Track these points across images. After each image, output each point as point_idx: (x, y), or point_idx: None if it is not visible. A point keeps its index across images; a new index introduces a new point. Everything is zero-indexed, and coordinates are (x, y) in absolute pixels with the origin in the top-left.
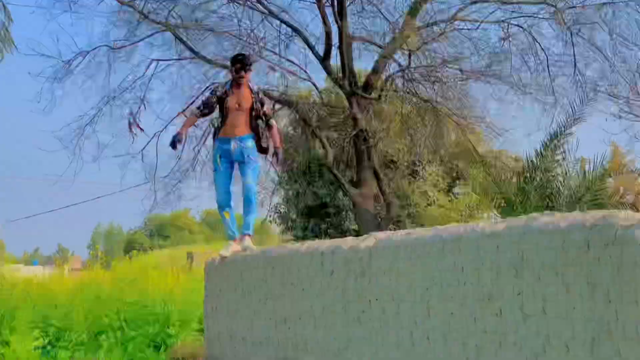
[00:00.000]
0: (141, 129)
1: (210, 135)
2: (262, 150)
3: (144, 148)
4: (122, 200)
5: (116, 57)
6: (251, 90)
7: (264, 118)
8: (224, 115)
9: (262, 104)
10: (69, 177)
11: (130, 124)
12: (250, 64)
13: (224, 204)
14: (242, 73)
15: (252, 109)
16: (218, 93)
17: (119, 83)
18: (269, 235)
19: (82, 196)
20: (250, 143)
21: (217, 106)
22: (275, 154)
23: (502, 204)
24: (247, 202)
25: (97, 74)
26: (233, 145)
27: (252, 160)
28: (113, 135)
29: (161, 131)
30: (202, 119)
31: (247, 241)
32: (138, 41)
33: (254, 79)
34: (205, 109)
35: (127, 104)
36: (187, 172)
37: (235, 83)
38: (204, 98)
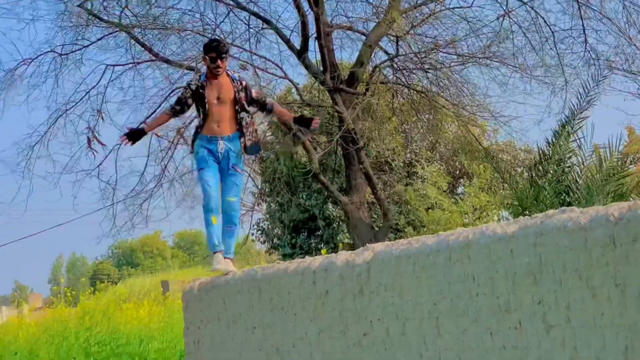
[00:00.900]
0: (102, 144)
1: (179, 148)
2: (247, 149)
3: (100, 163)
4: (82, 227)
5: (64, 63)
6: (231, 79)
7: (255, 104)
8: (204, 110)
9: (248, 90)
10: (19, 203)
11: (89, 140)
12: (227, 51)
13: (214, 205)
14: (218, 62)
15: (235, 101)
16: (192, 87)
17: (70, 94)
18: (252, 256)
19: (40, 225)
20: (238, 145)
21: (193, 102)
22: (311, 129)
23: (513, 203)
24: (228, 221)
25: (44, 84)
26: (220, 145)
27: (238, 172)
28: (69, 154)
29: (120, 145)
30: (175, 120)
31: (229, 264)
32: (88, 45)
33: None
34: (177, 106)
35: (81, 117)
36: (153, 191)
37: (212, 74)
38: (180, 94)
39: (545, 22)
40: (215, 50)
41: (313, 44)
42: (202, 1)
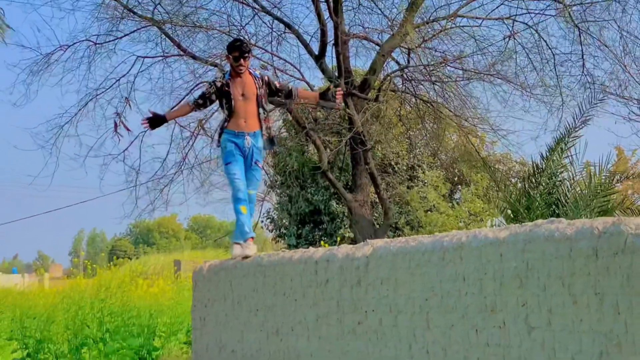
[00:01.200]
0: (128, 130)
1: (199, 138)
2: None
3: (126, 149)
4: (105, 205)
5: (98, 52)
6: (253, 76)
7: (280, 93)
8: (229, 107)
9: (271, 83)
10: (45, 178)
11: (116, 125)
12: (249, 50)
13: (242, 196)
14: (241, 61)
15: (257, 97)
16: (217, 84)
17: (101, 80)
18: (260, 242)
19: (63, 201)
20: (261, 142)
21: (216, 99)
22: (331, 94)
23: (507, 210)
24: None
25: (78, 69)
26: (247, 141)
27: (259, 167)
28: (96, 135)
29: (145, 132)
30: (196, 112)
31: (254, 248)
32: (122, 37)
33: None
34: (200, 100)
35: (110, 102)
36: (174, 177)
37: (235, 73)
38: (204, 89)
39: (547, 45)
40: (238, 49)
41: (330, 50)
42: (230, 3)
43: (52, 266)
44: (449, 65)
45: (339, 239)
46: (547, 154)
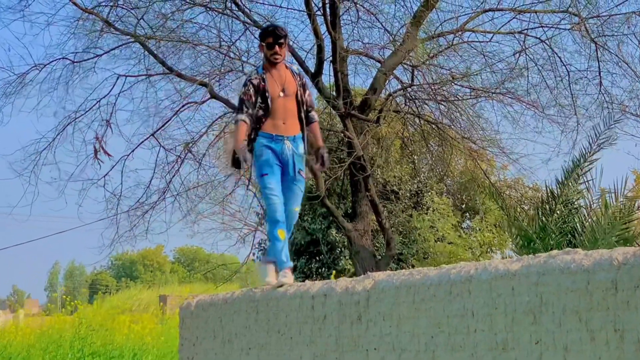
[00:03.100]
0: (109, 155)
1: (185, 162)
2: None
3: (107, 174)
4: (83, 236)
5: (76, 71)
6: (292, 71)
7: (304, 108)
8: (265, 105)
9: (305, 89)
10: (24, 208)
11: (95, 150)
12: (285, 36)
13: (280, 218)
14: (276, 48)
15: (297, 94)
16: (254, 82)
17: (80, 102)
18: (252, 276)
19: (40, 231)
20: (302, 148)
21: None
22: (321, 155)
23: (519, 240)
24: (288, 230)
25: (55, 90)
26: (287, 146)
27: (302, 178)
28: (75, 162)
29: (127, 155)
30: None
31: (291, 277)
32: (102, 54)
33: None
34: (247, 109)
35: (90, 126)
36: (156, 204)
37: (270, 63)
38: (242, 95)
39: (561, 61)
40: (272, 34)
41: (328, 68)
42: (219, 17)
43: (28, 301)
44: (455, 84)
45: (333, 273)
46: (563, 179)
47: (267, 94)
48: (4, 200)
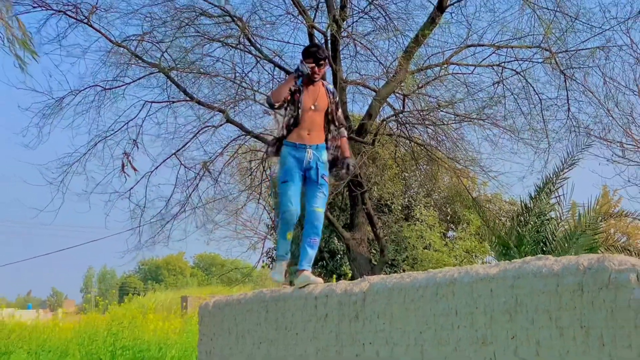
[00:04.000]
0: (135, 170)
1: (203, 179)
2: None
3: (132, 187)
4: (112, 243)
5: (107, 96)
6: (326, 89)
7: (336, 124)
8: (297, 115)
9: (337, 107)
10: (50, 212)
11: (123, 165)
12: (325, 57)
13: (291, 223)
14: (316, 69)
15: (327, 111)
16: (293, 88)
17: (110, 123)
18: (263, 279)
19: (72, 240)
20: (325, 156)
21: (288, 104)
22: (347, 164)
23: (497, 248)
24: (312, 232)
25: (88, 113)
26: (309, 154)
27: (325, 182)
28: (103, 173)
29: (151, 172)
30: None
31: (308, 275)
32: (130, 82)
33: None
34: (295, 80)
35: (118, 144)
36: (177, 215)
37: (308, 80)
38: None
39: (534, 90)
40: (313, 56)
41: None
42: (233, 51)
43: (66, 302)
44: (441, 110)
45: (334, 277)
46: (535, 194)
47: (299, 104)
48: (32, 204)
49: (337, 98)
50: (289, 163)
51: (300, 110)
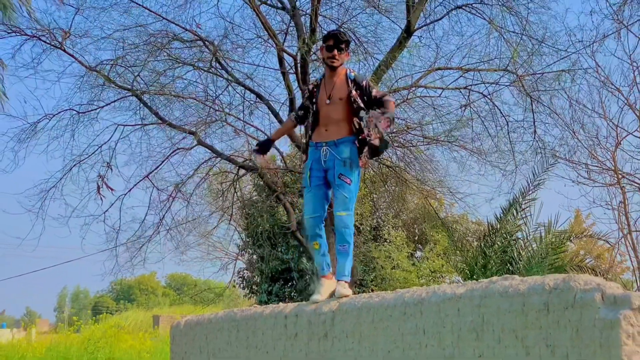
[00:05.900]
0: (112, 189)
1: (175, 200)
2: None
3: (106, 210)
4: (87, 264)
5: (81, 120)
6: (347, 77)
7: (375, 104)
8: (315, 112)
9: (369, 90)
10: (32, 240)
11: (99, 187)
12: (346, 41)
13: (311, 232)
14: (335, 51)
15: (349, 101)
16: (310, 87)
17: (84, 147)
18: (234, 299)
19: (49, 260)
20: (346, 152)
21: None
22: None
23: (464, 268)
24: (340, 239)
25: (62, 137)
26: (323, 152)
27: (345, 183)
28: (79, 197)
29: (125, 195)
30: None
31: (343, 287)
32: (103, 106)
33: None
34: (300, 111)
35: (93, 168)
36: (151, 237)
37: (327, 67)
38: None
39: (501, 112)
40: (333, 37)
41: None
42: (204, 74)
43: (39, 321)
44: (410, 132)
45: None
46: (502, 215)
47: (315, 101)
48: (12, 233)
49: (365, 81)
50: (306, 169)
51: (316, 107)
